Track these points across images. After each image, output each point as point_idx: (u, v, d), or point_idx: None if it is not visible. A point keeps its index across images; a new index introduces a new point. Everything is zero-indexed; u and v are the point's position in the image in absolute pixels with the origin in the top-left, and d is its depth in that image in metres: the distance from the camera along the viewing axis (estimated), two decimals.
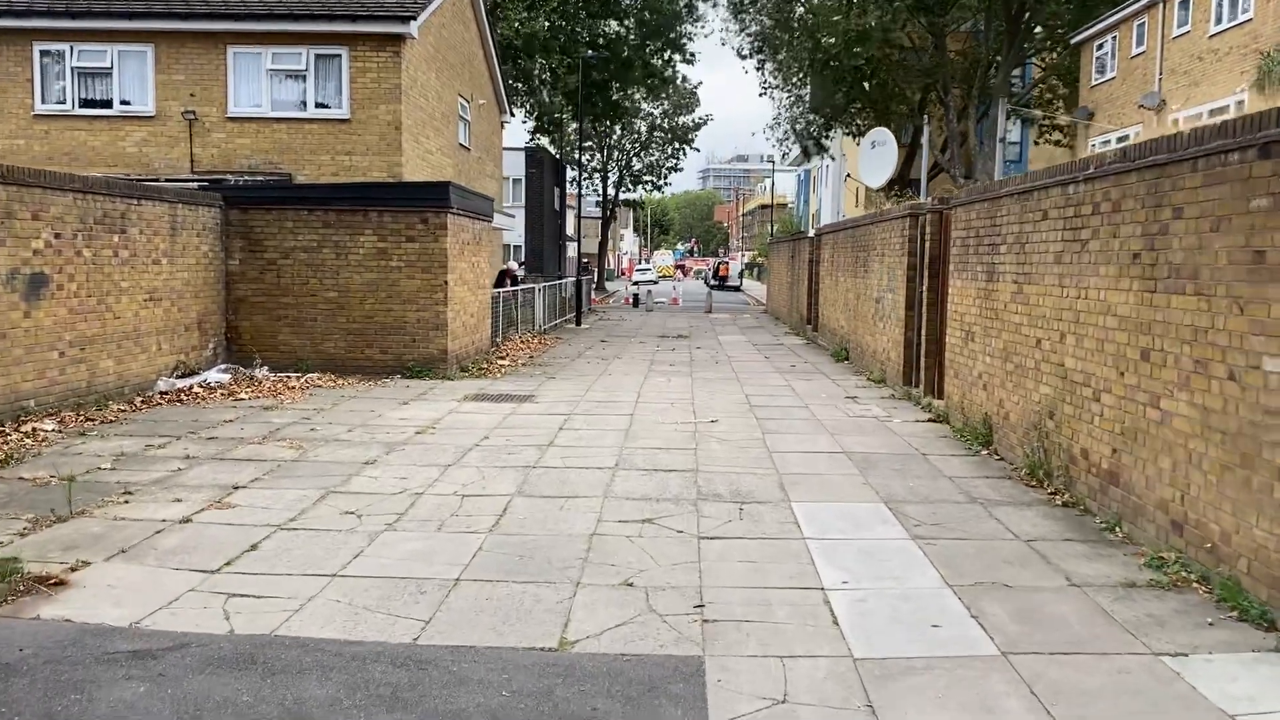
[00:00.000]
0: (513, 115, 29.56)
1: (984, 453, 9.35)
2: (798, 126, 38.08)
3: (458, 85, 22.27)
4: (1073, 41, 30.88)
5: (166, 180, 16.52)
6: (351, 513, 7.02)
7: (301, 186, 15.94)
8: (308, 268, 14.19)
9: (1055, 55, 32.63)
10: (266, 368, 13.87)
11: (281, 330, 14.24)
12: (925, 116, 26.44)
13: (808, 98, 35.61)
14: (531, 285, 24.07)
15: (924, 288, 12.42)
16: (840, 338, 18.77)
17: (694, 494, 7.64)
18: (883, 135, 17.17)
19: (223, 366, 13.29)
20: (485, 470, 8.39)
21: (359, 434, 9.94)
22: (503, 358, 17.01)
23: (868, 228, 16.17)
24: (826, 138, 37.40)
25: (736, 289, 63.14)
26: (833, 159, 49.78)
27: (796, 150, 36.62)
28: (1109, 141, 29.56)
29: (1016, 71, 32.16)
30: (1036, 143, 33.93)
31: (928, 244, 12.26)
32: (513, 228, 29.17)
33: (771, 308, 35.38)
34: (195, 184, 14.91)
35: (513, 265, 26.87)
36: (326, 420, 10.71)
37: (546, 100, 37.90)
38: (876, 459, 9.04)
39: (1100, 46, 30.30)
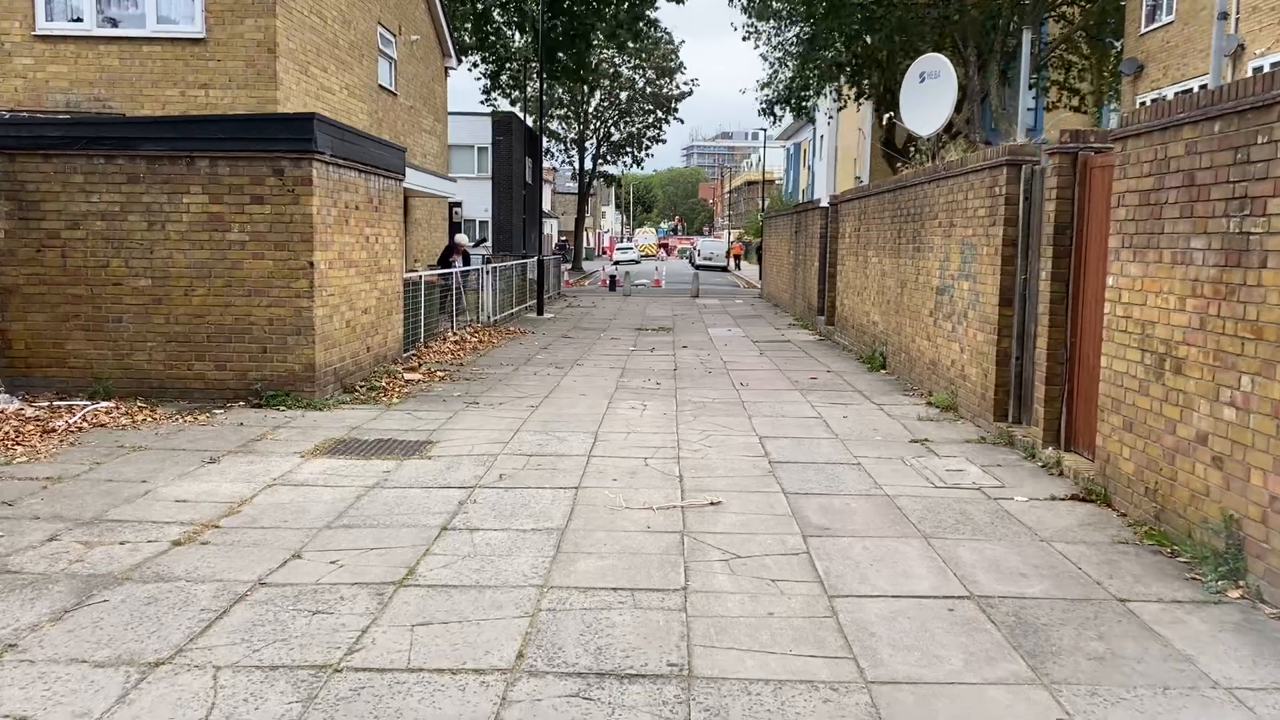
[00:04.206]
0: (460, 61, 24.75)
1: (1233, 594, 4.92)
2: (791, 85, 33.46)
3: (377, 11, 17.52)
4: None
5: None
6: None
7: (96, 122, 11.11)
8: (107, 242, 9.56)
9: (1086, 5, 28.22)
10: (37, 393, 9.29)
11: (71, 335, 9.64)
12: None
13: (804, 37, 30.80)
14: (477, 266, 19.42)
15: (1042, 274, 7.96)
16: (871, 337, 14.30)
17: None
18: (936, 64, 12.64)
19: None
20: (227, 684, 3.86)
21: (65, 544, 5.39)
22: (415, 368, 12.39)
23: (921, 189, 11.67)
24: (810, 101, 32.91)
25: (724, 269, 58.70)
26: (812, 121, 45.12)
27: (792, 113, 31.88)
28: (1164, 97, 25.22)
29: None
30: (1053, 106, 29.53)
31: (1052, 207, 7.77)
32: (454, 193, 24.26)
33: (768, 292, 30.88)
34: None
35: (462, 240, 22.09)
36: (36, 508, 6.13)
37: (503, 47, 32.82)
38: (1039, 621, 4.58)
39: None
